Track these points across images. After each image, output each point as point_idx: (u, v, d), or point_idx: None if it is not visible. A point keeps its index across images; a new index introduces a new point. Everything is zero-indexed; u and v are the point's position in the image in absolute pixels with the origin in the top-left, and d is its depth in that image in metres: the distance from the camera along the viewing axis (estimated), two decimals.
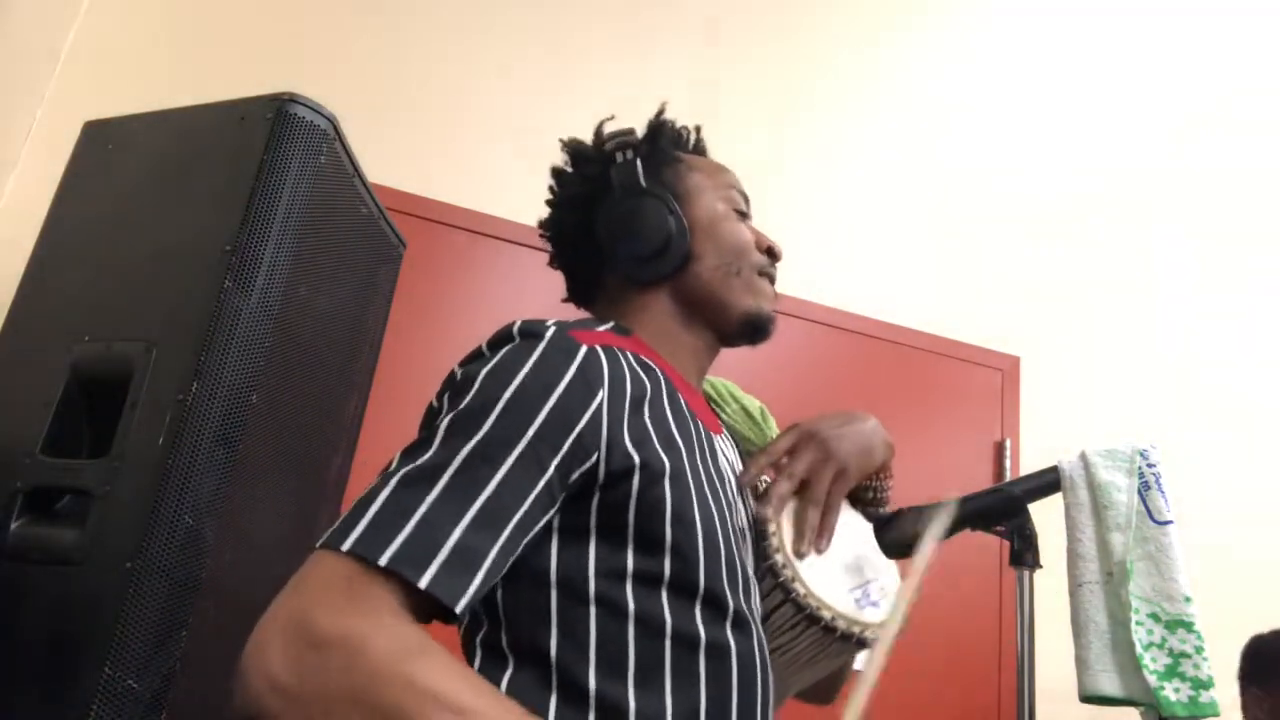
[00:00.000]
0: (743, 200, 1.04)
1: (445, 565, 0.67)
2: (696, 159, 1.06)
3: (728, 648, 0.80)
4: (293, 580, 0.67)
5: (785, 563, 0.89)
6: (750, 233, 1.02)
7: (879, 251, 2.72)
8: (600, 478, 0.78)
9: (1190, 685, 1.14)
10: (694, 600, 0.79)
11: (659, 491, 0.79)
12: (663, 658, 0.77)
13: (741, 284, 0.99)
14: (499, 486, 0.72)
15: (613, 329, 0.93)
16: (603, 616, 0.77)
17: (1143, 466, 1.24)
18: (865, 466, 1.00)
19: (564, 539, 0.79)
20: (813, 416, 1.01)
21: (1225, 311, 3.10)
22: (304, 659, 0.62)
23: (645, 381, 0.86)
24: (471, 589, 0.69)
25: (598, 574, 0.78)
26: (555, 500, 0.76)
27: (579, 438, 0.76)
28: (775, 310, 1.02)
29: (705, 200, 1.01)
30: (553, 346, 0.80)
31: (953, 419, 2.65)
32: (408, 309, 1.83)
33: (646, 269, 0.97)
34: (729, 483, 0.92)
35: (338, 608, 0.64)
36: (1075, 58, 3.13)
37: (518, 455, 0.74)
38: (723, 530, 0.84)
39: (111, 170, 1.36)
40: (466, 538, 0.69)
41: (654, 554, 0.78)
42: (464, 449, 0.73)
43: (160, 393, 1.12)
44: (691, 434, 0.89)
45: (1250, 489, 2.87)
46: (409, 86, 2.33)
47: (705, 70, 2.61)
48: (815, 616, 0.87)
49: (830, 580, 0.91)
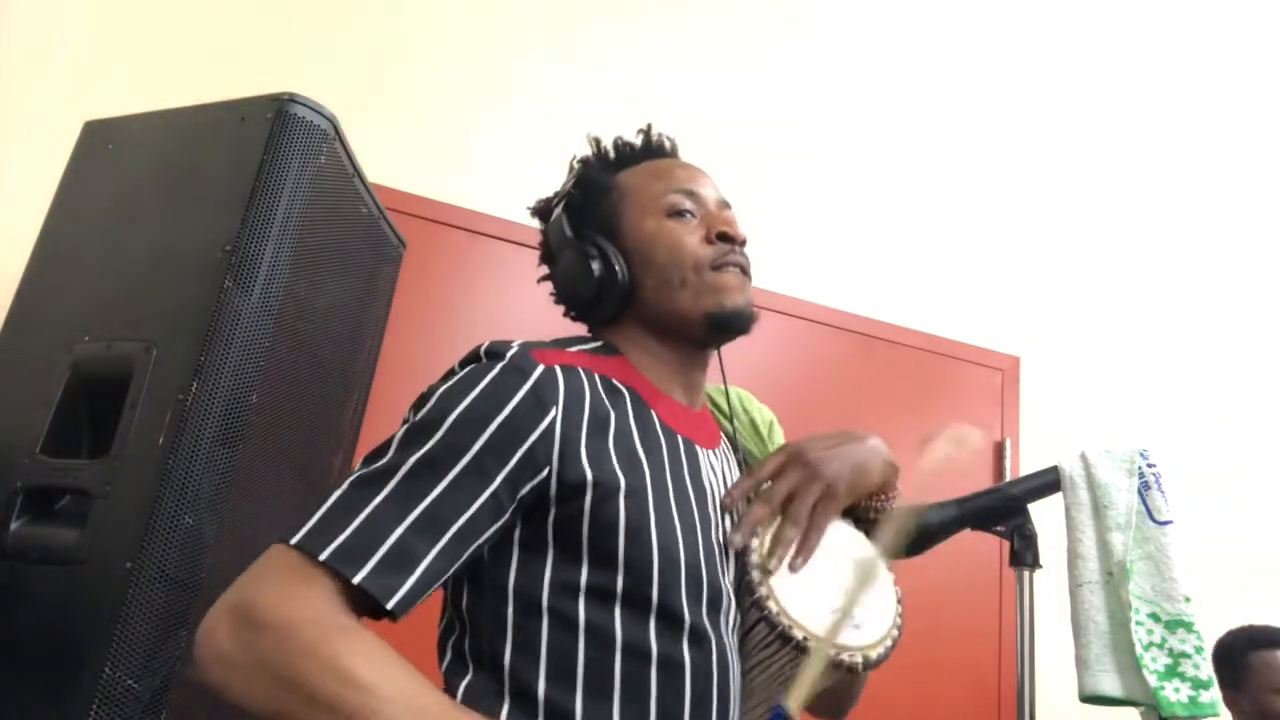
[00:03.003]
0: (685, 197, 0.99)
1: (380, 564, 0.73)
2: (630, 175, 1.03)
3: (681, 662, 0.82)
4: (248, 568, 0.75)
5: (760, 580, 0.88)
6: (692, 231, 0.98)
7: (878, 251, 2.72)
8: (553, 492, 0.81)
9: (1190, 685, 1.14)
10: (648, 615, 0.81)
11: (613, 508, 0.82)
12: (612, 670, 0.80)
13: (690, 292, 0.96)
14: (442, 494, 0.77)
15: (594, 349, 0.96)
16: (554, 628, 0.80)
17: (1143, 466, 1.24)
18: (858, 487, 0.97)
19: (523, 552, 0.83)
20: (806, 436, 0.98)
21: (1225, 311, 3.10)
22: (243, 636, 0.70)
23: (607, 402, 0.88)
24: (404, 588, 0.74)
25: (551, 587, 0.81)
26: (504, 511, 0.80)
27: (529, 452, 0.80)
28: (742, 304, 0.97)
29: (633, 221, 0.99)
30: (510, 366, 0.84)
31: (953, 419, 2.64)
32: (408, 309, 1.83)
33: (597, 313, 1.00)
34: (712, 499, 0.92)
35: (279, 594, 0.72)
36: (1075, 57, 3.13)
37: (463, 466, 0.78)
38: (687, 547, 0.85)
39: (111, 170, 1.36)
40: (405, 540, 0.75)
41: (607, 569, 0.81)
42: (413, 457, 0.78)
43: (160, 393, 1.12)
44: (661, 451, 0.89)
45: (1250, 489, 2.87)
46: (409, 86, 2.33)
47: (705, 69, 2.61)
48: (787, 636, 0.85)
49: (810, 601, 0.88)
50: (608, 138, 1.07)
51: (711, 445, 0.99)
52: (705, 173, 1.05)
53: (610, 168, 1.04)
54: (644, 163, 1.05)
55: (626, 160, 1.05)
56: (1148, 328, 2.97)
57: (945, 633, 2.36)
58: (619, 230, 0.99)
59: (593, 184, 1.03)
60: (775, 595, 0.88)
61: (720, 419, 1.09)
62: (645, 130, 1.07)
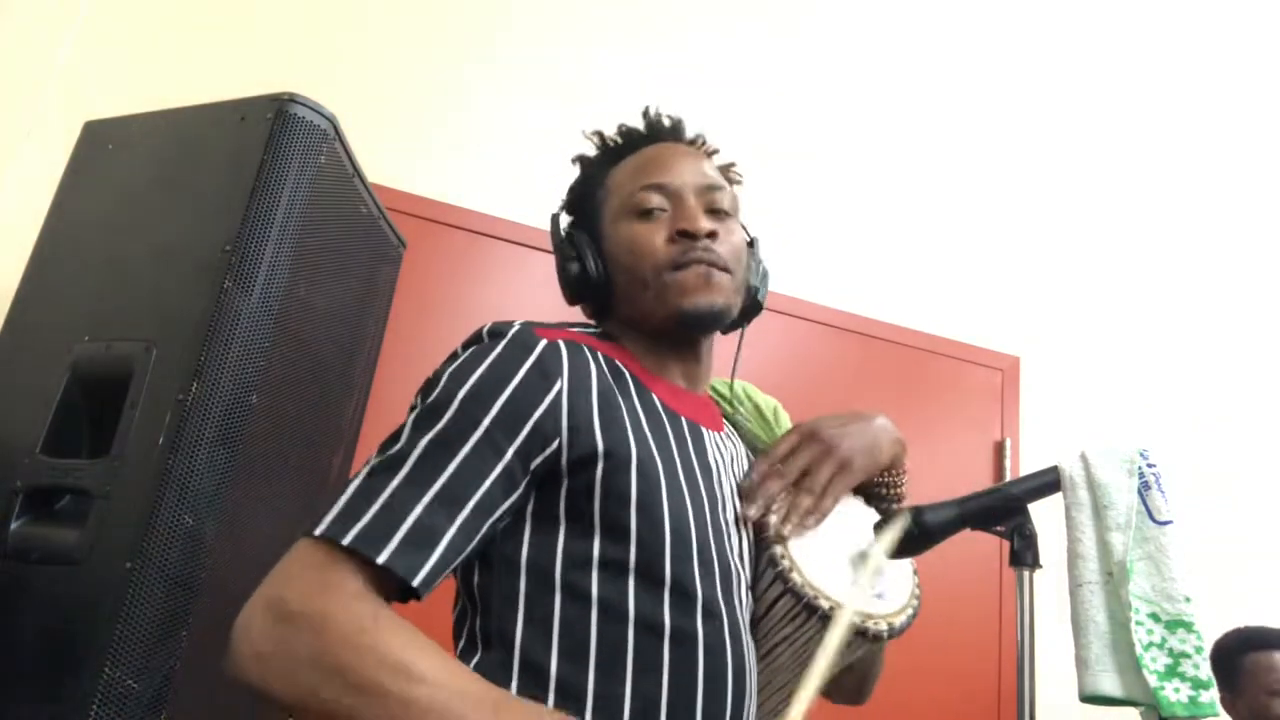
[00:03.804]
0: (655, 193, 0.98)
1: (403, 543, 0.74)
2: (618, 171, 1.03)
3: (694, 637, 0.82)
4: (277, 565, 0.75)
5: (782, 554, 0.88)
6: (650, 232, 0.96)
7: (878, 251, 2.72)
8: (564, 463, 0.82)
9: (1190, 685, 1.14)
10: (661, 588, 0.82)
11: (624, 479, 0.83)
12: (625, 644, 0.80)
13: (652, 294, 0.96)
14: (456, 471, 0.78)
15: (596, 333, 0.98)
16: (566, 603, 0.81)
17: (1143, 466, 1.24)
18: (870, 463, 1.00)
19: (535, 526, 0.83)
20: (817, 417, 1.01)
21: (1225, 311, 3.10)
22: (277, 631, 0.71)
23: (609, 377, 0.89)
24: (429, 564, 0.74)
25: (564, 560, 0.82)
26: (518, 484, 0.81)
27: (537, 425, 0.81)
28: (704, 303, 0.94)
29: (608, 225, 1.00)
30: (513, 343, 0.86)
31: (953, 419, 2.64)
32: (408, 309, 1.83)
33: (587, 310, 1.05)
34: (718, 477, 0.93)
35: (308, 587, 0.72)
36: (1075, 57, 3.13)
37: (474, 442, 0.79)
38: (697, 522, 0.86)
39: (111, 170, 1.36)
40: (424, 518, 0.75)
41: (619, 541, 0.82)
42: (425, 438, 0.79)
43: (160, 393, 1.12)
44: (665, 427, 0.90)
45: (1250, 489, 2.87)
46: (409, 86, 2.33)
47: (706, 67, 2.61)
48: (813, 606, 0.86)
49: (832, 573, 0.89)
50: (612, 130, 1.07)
51: (715, 428, 1.00)
52: (696, 154, 1.04)
53: (607, 163, 1.05)
54: (639, 150, 1.04)
55: (625, 150, 1.05)
56: (1148, 328, 2.97)
57: (945, 632, 2.36)
58: (600, 232, 1.01)
59: (587, 182, 1.05)
60: (799, 567, 0.88)
61: (723, 405, 1.10)
62: (644, 112, 1.06)
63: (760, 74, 2.70)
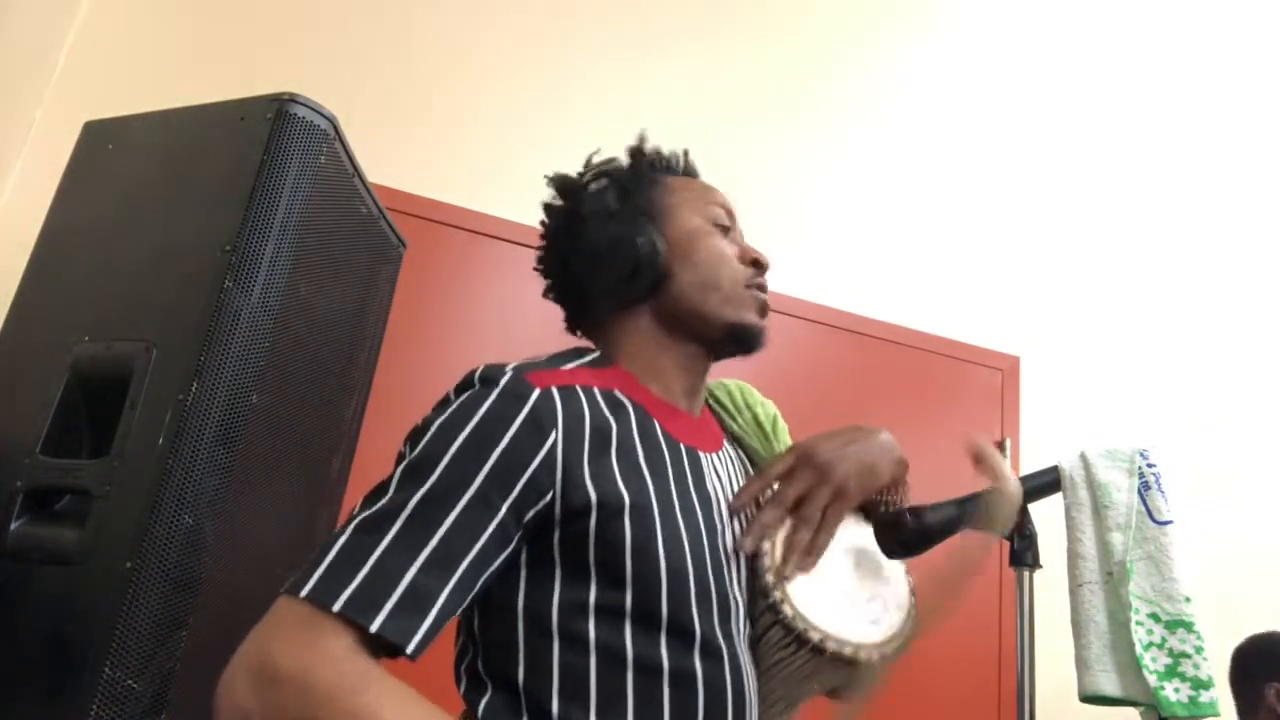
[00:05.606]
0: (726, 216, 1.04)
1: (396, 608, 0.72)
2: (681, 180, 1.06)
3: (694, 676, 0.82)
4: (259, 623, 0.74)
5: (775, 584, 0.88)
6: (731, 247, 1.02)
7: (879, 251, 2.72)
8: (558, 515, 0.81)
9: (1190, 685, 1.14)
10: (658, 631, 0.81)
11: (618, 526, 0.82)
12: (625, 687, 0.80)
13: (721, 297, 0.99)
14: (450, 530, 0.76)
15: (591, 362, 0.96)
16: (565, 649, 0.80)
17: (1143, 466, 1.24)
18: (868, 486, 0.97)
19: (531, 573, 0.83)
20: (816, 435, 0.98)
21: (1225, 311, 3.10)
22: (263, 691, 0.69)
23: (609, 418, 0.88)
24: (423, 629, 0.73)
25: (560, 607, 0.81)
26: (511, 539, 0.80)
27: (531, 479, 0.80)
28: (763, 324, 1.01)
29: (682, 217, 1.01)
30: (506, 392, 0.84)
31: (953, 419, 2.64)
32: (408, 309, 1.83)
33: (621, 292, 0.98)
34: (717, 505, 0.92)
35: (295, 646, 0.71)
36: (1075, 58, 3.13)
37: (468, 500, 0.78)
38: (695, 559, 0.85)
39: (111, 170, 1.36)
40: (418, 581, 0.74)
41: (616, 587, 0.81)
42: (416, 495, 0.77)
43: (160, 393, 1.12)
44: (665, 464, 0.90)
45: (1250, 489, 2.87)
46: (409, 86, 2.33)
47: (705, 71, 2.61)
48: (804, 638, 0.86)
49: (825, 600, 0.90)
50: (625, 140, 1.07)
51: (714, 449, 0.99)
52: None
53: (659, 169, 1.07)
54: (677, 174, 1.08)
55: (672, 168, 1.08)
56: (1148, 328, 2.97)
57: (945, 632, 2.35)
58: (666, 217, 1.01)
59: (641, 171, 1.04)
60: (790, 599, 0.88)
61: (722, 416, 1.10)
62: (684, 152, 1.10)
63: (760, 74, 2.71)
